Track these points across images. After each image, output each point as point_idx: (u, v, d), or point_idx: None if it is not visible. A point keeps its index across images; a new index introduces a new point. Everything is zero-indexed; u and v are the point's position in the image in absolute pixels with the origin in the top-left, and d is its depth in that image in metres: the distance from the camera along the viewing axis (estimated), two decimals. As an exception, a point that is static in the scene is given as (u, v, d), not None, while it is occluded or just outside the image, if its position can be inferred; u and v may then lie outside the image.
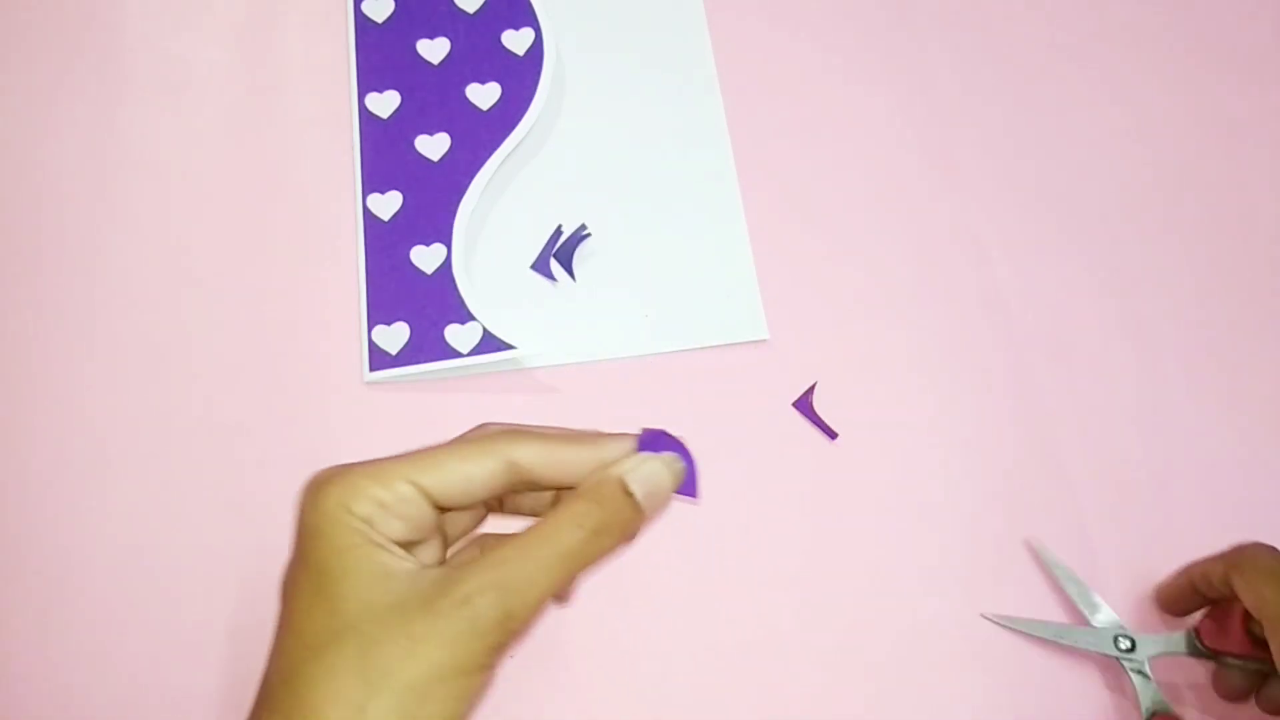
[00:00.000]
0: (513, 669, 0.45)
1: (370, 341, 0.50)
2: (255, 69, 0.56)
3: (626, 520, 0.29)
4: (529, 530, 0.29)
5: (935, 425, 0.49)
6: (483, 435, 0.30)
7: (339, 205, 0.53)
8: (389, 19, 0.57)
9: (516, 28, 0.56)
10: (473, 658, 0.27)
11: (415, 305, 0.50)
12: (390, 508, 0.28)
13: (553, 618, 0.45)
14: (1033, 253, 0.53)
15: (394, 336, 0.50)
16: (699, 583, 0.46)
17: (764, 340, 0.51)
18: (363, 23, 0.57)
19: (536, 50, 0.56)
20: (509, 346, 0.49)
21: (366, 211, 0.53)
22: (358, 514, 0.28)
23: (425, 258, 0.51)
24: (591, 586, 0.46)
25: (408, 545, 0.29)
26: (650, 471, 0.30)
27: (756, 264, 0.52)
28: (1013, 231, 0.53)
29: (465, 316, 0.50)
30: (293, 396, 0.50)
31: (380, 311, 0.51)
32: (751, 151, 0.54)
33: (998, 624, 0.45)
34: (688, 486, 0.31)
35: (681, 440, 0.31)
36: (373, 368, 0.50)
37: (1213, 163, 0.55)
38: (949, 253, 0.53)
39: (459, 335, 0.50)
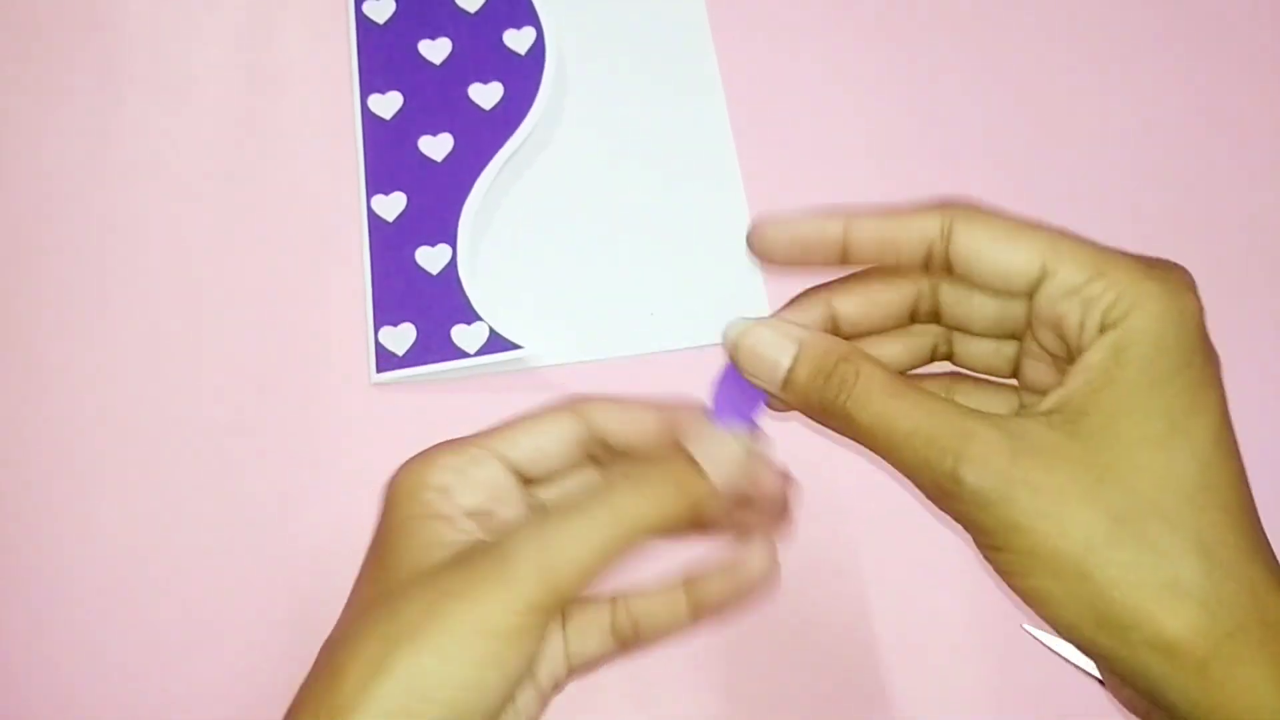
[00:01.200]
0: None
1: (377, 343, 0.50)
2: (257, 72, 0.56)
3: (690, 488, 0.27)
4: (583, 492, 0.27)
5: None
6: (560, 400, 0.30)
7: (343, 207, 0.53)
8: (390, 20, 0.57)
9: (518, 27, 0.56)
10: (504, 616, 0.25)
11: (421, 306, 0.51)
12: (466, 474, 0.28)
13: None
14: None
15: (400, 338, 0.50)
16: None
17: (770, 337, 0.51)
18: (364, 24, 0.57)
19: (538, 49, 0.56)
20: (516, 346, 0.49)
21: (371, 213, 0.53)
22: (433, 484, 0.28)
23: (430, 258, 0.52)
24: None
25: (487, 515, 0.28)
26: (718, 438, 0.28)
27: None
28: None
29: (471, 317, 0.50)
30: (300, 399, 0.50)
31: (386, 313, 0.51)
32: (755, 147, 0.54)
33: (1039, 639, 0.45)
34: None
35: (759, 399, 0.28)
36: (380, 369, 0.50)
37: (1213, 162, 0.55)
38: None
39: (465, 335, 0.50)
